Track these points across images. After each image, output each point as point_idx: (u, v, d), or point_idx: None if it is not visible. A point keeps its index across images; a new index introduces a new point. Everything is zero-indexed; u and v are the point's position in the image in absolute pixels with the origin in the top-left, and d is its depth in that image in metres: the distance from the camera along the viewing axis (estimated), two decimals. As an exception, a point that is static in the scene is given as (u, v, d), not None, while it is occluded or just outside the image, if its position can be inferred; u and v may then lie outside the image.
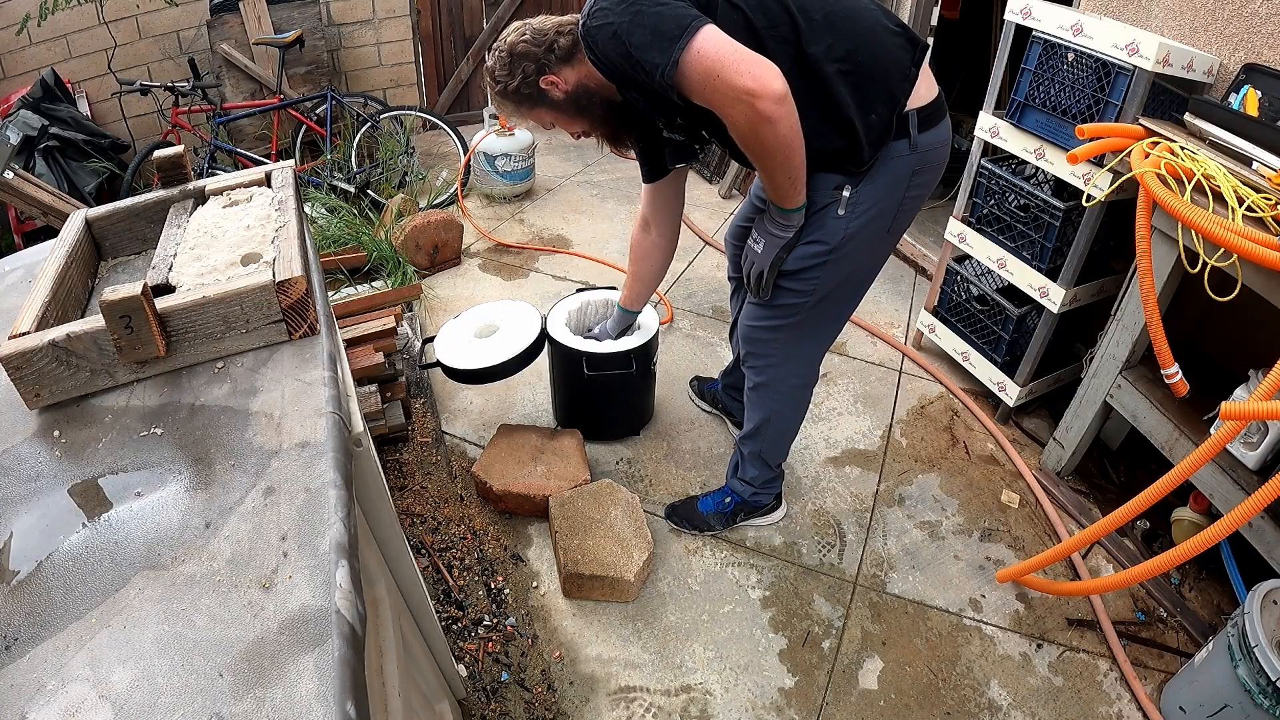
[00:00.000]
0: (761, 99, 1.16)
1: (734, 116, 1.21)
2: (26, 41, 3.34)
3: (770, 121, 1.19)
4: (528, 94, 1.47)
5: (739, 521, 1.99)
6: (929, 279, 2.90)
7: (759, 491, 1.92)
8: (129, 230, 1.07)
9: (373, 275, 2.95)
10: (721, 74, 1.16)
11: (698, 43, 1.16)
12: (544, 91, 1.46)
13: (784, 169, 1.30)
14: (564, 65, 1.45)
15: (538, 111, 1.51)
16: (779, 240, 1.45)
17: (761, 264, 1.50)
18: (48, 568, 0.62)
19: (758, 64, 1.16)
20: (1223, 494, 1.64)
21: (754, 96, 1.16)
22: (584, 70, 1.44)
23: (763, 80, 1.16)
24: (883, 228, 1.48)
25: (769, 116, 1.19)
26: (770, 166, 1.30)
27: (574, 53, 1.43)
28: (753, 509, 1.98)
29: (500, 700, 1.60)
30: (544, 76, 1.45)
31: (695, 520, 1.98)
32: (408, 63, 4.32)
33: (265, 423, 0.74)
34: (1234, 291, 1.48)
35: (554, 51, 1.43)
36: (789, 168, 1.30)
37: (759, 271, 1.51)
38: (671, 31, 1.17)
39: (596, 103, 1.48)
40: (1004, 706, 1.64)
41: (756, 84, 1.16)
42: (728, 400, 2.29)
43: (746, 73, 1.16)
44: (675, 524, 2.00)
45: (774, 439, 1.82)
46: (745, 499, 1.94)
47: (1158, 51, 1.72)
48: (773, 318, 1.61)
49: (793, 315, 1.58)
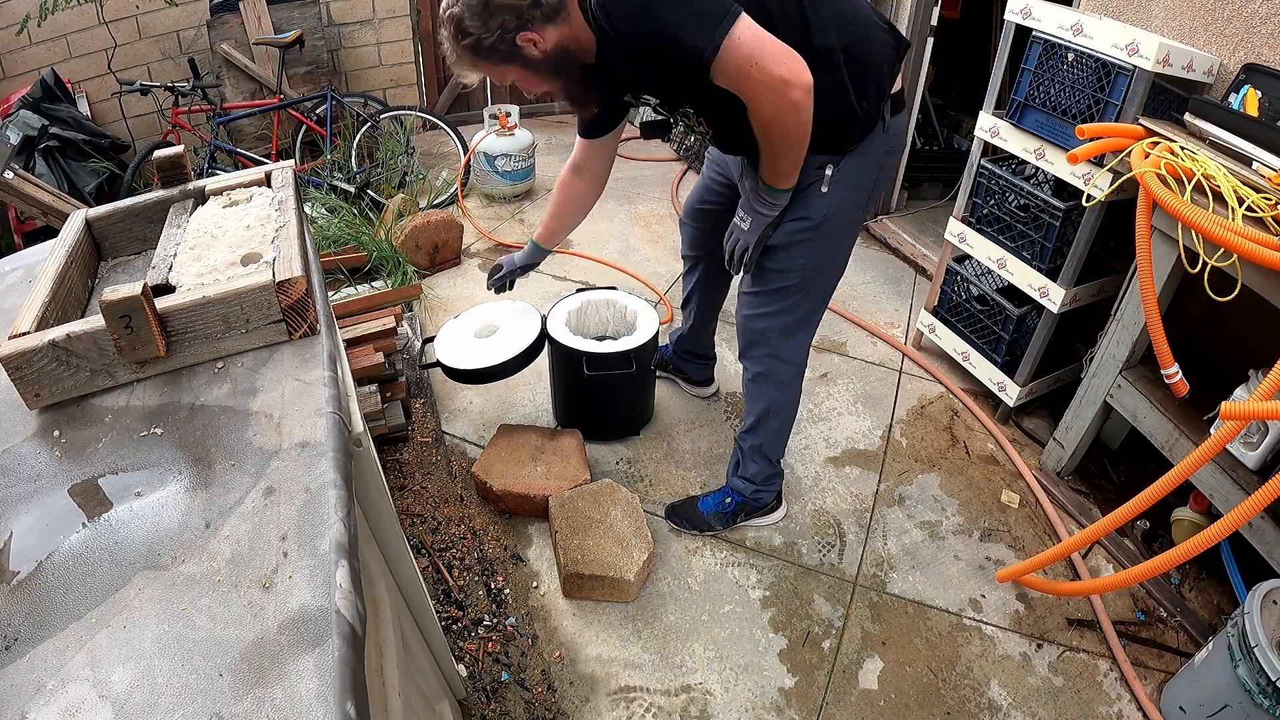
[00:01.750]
0: (794, 88, 1.24)
1: (762, 103, 1.27)
2: (26, 41, 3.34)
3: (796, 110, 1.27)
4: (501, 50, 1.33)
5: (740, 521, 1.99)
6: (929, 279, 2.90)
7: (760, 489, 1.93)
8: (129, 230, 1.07)
9: (373, 275, 2.95)
10: (761, 63, 1.22)
11: (738, 29, 1.21)
12: (519, 48, 1.33)
13: (793, 154, 1.38)
14: (547, 23, 1.32)
15: (503, 68, 1.37)
16: (766, 218, 1.52)
17: (748, 240, 1.56)
18: (48, 568, 0.62)
19: (792, 56, 1.23)
20: (1223, 494, 1.64)
21: (788, 86, 1.23)
22: (567, 31, 1.33)
23: (796, 71, 1.23)
24: (860, 205, 1.59)
25: (797, 105, 1.26)
26: (781, 151, 1.38)
27: (559, 10, 1.31)
28: (754, 509, 1.98)
29: (500, 700, 1.60)
30: (524, 33, 1.31)
31: (696, 520, 1.98)
32: (408, 63, 4.32)
33: (265, 423, 0.74)
34: (1234, 291, 1.48)
35: (539, 7, 1.30)
36: (797, 153, 1.38)
37: (744, 247, 1.57)
38: (713, 13, 1.20)
39: (574, 66, 1.39)
40: (1004, 706, 1.64)
41: (791, 74, 1.23)
42: (679, 361, 2.44)
43: (784, 63, 1.23)
44: (675, 524, 2.00)
45: (775, 431, 1.85)
46: (746, 498, 1.94)
47: (1158, 51, 1.72)
48: (768, 304, 1.66)
49: (785, 299, 1.64)
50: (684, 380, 2.48)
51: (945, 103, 4.04)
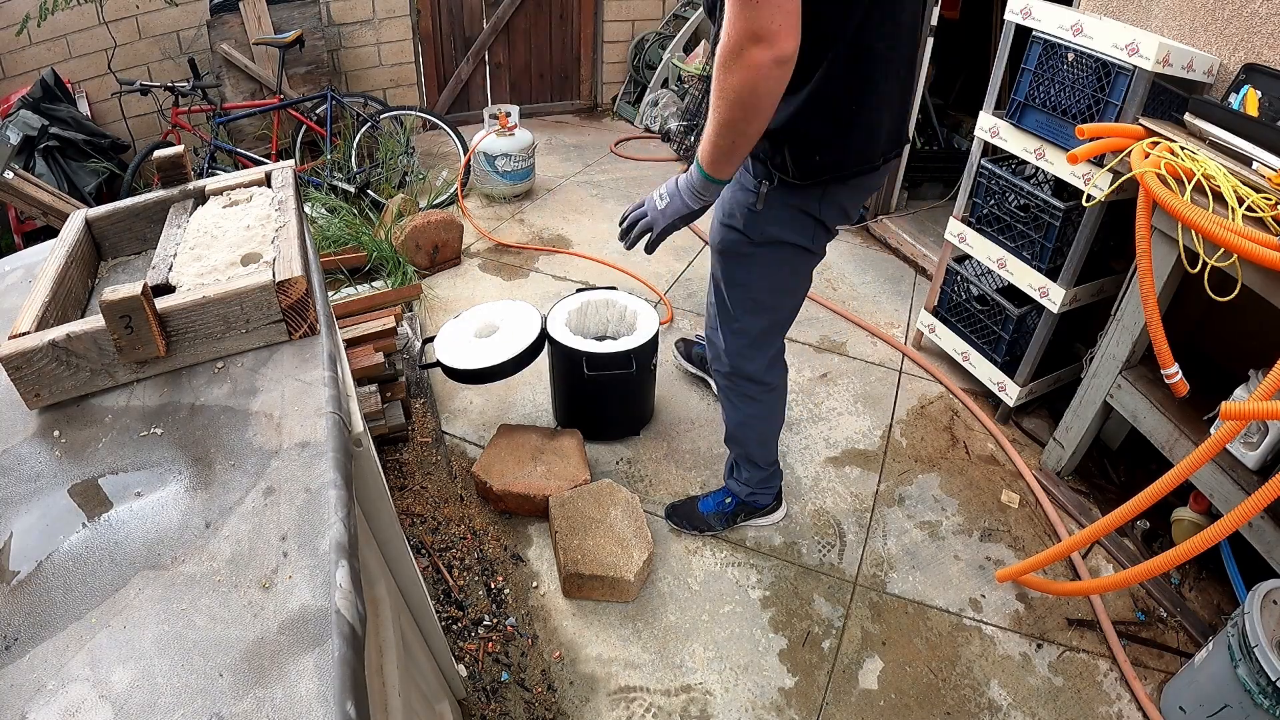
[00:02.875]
0: (763, 44, 1.05)
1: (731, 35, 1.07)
2: (26, 41, 3.34)
3: (753, 68, 1.07)
4: None
5: (740, 522, 1.99)
6: (929, 279, 2.90)
7: (756, 491, 1.92)
8: (129, 230, 1.07)
9: (373, 275, 2.95)
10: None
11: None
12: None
13: (735, 128, 1.17)
14: None
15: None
16: (686, 209, 1.35)
17: (657, 223, 1.39)
18: (48, 568, 0.62)
19: (790, 17, 1.04)
20: (1223, 494, 1.64)
21: (757, 39, 1.05)
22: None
23: (780, 31, 1.04)
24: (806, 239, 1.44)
25: (756, 64, 1.06)
26: (724, 118, 1.16)
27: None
28: (753, 509, 1.97)
29: (500, 700, 1.60)
30: None
31: (695, 521, 1.98)
32: (408, 63, 4.32)
33: (265, 423, 0.74)
34: (1234, 291, 1.48)
35: None
36: (740, 132, 1.17)
37: (648, 227, 1.40)
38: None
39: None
40: (1004, 706, 1.64)
41: (772, 28, 1.04)
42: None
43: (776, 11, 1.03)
44: (675, 524, 1.99)
45: (755, 441, 1.82)
46: (743, 499, 1.94)
47: (1158, 51, 1.72)
48: (724, 319, 1.63)
49: (740, 316, 1.59)
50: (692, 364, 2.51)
51: (945, 103, 4.04)
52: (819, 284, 3.13)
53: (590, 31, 4.75)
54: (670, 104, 4.39)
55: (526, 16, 4.52)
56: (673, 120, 4.23)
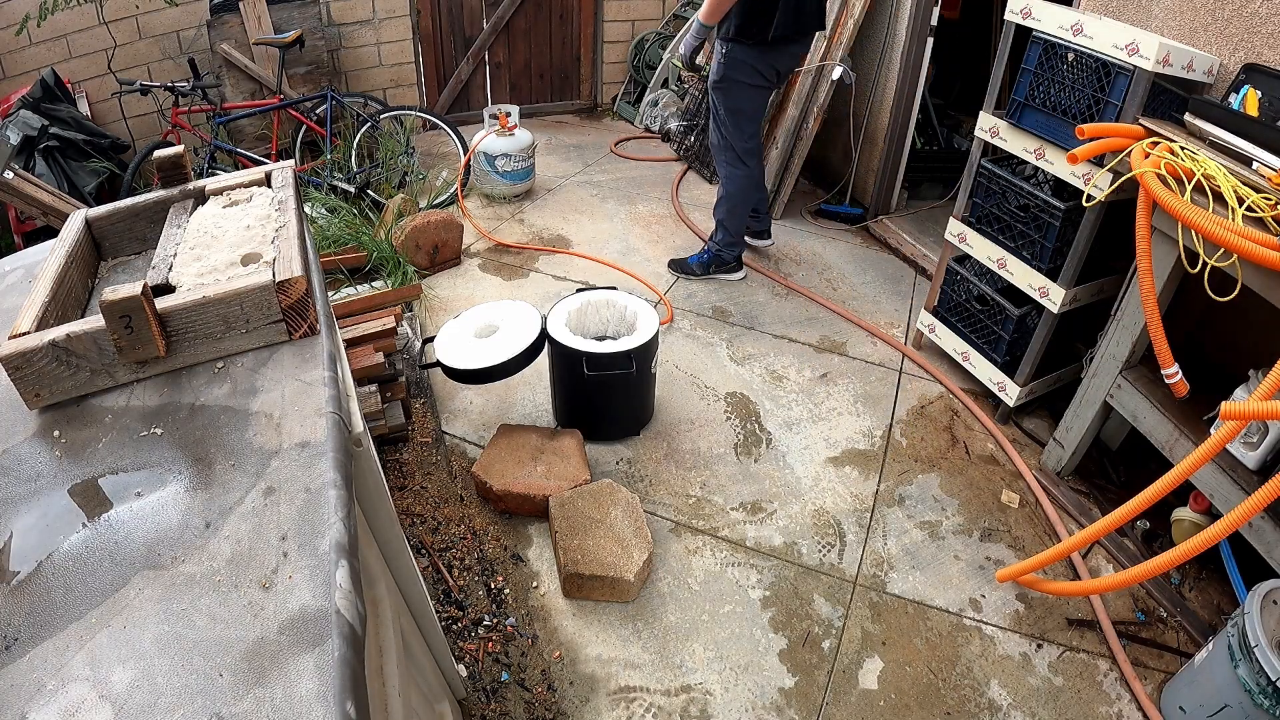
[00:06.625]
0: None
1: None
2: (26, 41, 3.34)
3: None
4: None
5: (711, 272, 3.05)
6: (929, 279, 2.90)
7: (722, 249, 2.99)
8: (129, 230, 1.07)
9: (373, 275, 2.95)
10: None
11: None
12: None
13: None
14: None
15: None
16: (692, 44, 2.69)
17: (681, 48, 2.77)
18: (48, 568, 0.62)
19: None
20: (1223, 494, 1.64)
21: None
22: None
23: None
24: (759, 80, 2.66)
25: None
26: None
27: None
28: (721, 262, 3.02)
29: (500, 700, 1.60)
30: None
31: (685, 269, 3.07)
32: (408, 63, 4.32)
33: (265, 423, 0.74)
34: (1234, 291, 1.48)
35: None
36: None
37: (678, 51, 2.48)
38: None
39: None
40: (1004, 706, 1.64)
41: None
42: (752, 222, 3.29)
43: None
44: (672, 269, 3.10)
45: (729, 209, 2.91)
46: (714, 254, 3.01)
47: (1158, 51, 1.72)
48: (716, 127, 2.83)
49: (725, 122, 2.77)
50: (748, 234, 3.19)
51: (945, 103, 4.04)
52: (819, 284, 3.14)
53: (590, 31, 4.75)
54: (670, 104, 4.39)
55: (526, 16, 4.52)
56: (673, 120, 4.23)
